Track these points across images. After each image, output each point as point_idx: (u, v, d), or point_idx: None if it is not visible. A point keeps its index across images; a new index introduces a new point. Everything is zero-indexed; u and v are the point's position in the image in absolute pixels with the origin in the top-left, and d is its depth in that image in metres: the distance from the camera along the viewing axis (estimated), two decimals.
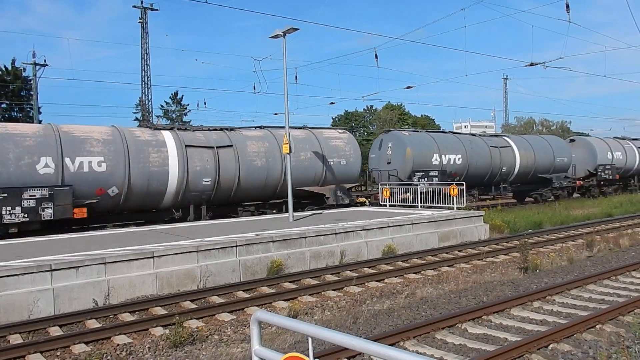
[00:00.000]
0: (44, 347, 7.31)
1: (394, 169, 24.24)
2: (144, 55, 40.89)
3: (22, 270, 9.06)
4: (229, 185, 18.50)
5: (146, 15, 40.29)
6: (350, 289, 10.54)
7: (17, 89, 42.18)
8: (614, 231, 17.67)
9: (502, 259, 13.47)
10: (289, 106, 16.71)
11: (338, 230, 13.62)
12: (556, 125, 75.71)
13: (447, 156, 25.26)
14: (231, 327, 8.36)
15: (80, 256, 10.12)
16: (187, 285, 10.70)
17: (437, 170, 23.56)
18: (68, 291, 9.35)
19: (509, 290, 10.00)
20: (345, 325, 8.09)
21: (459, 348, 6.83)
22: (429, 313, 8.61)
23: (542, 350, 6.54)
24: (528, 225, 18.85)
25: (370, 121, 69.55)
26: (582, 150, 33.53)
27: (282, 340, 7.38)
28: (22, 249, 11.59)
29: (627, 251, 14.16)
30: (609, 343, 6.73)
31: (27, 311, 8.85)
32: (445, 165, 24.88)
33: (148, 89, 41.52)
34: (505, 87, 71.38)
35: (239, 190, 18.78)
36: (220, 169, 18.16)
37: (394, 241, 14.55)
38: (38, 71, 35.23)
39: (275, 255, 12.13)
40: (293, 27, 15.82)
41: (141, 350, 7.34)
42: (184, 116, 57.62)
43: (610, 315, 7.74)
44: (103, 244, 11.87)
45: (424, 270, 12.25)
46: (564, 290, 9.63)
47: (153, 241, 12.01)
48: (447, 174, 23.98)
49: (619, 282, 10.45)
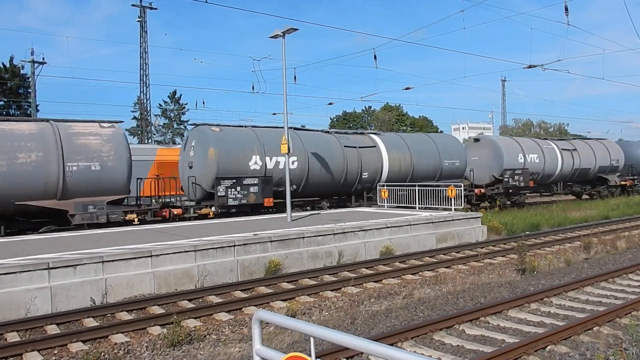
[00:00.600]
0: (41, 346, 7.29)
1: (193, 175, 18.59)
2: (142, 53, 40.89)
3: (19, 268, 9.04)
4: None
5: (145, 14, 40.33)
6: (348, 290, 10.55)
7: (15, 87, 42.13)
8: (611, 233, 17.72)
9: (500, 261, 13.50)
10: (287, 106, 16.71)
11: (336, 230, 13.63)
12: (554, 127, 75.91)
13: (275, 159, 19.08)
14: (229, 326, 8.36)
15: (78, 254, 10.10)
16: (184, 284, 10.70)
17: (258, 178, 18.41)
18: (65, 289, 9.33)
19: (507, 292, 10.02)
20: (343, 326, 8.09)
21: (457, 349, 6.84)
22: (427, 314, 8.63)
23: (540, 352, 6.56)
24: (525, 227, 18.90)
25: (369, 122, 69.66)
26: (487, 152, 27.93)
27: (280, 341, 7.38)
28: (20, 247, 11.57)
29: (624, 253, 14.20)
30: (607, 345, 6.75)
31: (24, 309, 8.83)
32: (271, 170, 19.01)
33: (146, 87, 41.53)
34: (504, 88, 71.70)
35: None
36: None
37: (391, 242, 14.57)
38: (36, 69, 35.18)
39: (273, 255, 12.13)
40: (292, 28, 15.82)
41: (139, 349, 7.33)
42: (182, 115, 57.61)
43: (608, 317, 7.76)
44: (101, 243, 11.86)
45: (421, 271, 12.27)
46: (561, 292, 9.65)
47: (151, 240, 12.00)
48: (274, 183, 18.86)
49: (616, 285, 10.48)
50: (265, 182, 18.61)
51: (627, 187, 35.33)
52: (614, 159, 34.10)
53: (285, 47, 16.19)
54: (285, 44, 16.16)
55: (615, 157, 34.33)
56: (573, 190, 33.27)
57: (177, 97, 57.88)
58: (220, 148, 18.08)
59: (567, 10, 17.97)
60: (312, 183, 20.38)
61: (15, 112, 41.89)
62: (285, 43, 16.12)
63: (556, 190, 31.68)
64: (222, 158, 17.98)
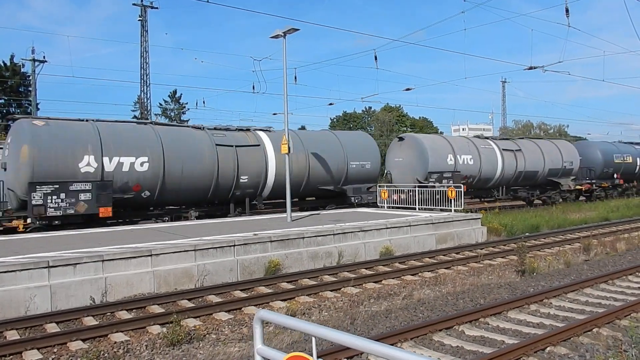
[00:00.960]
0: (40, 344, 7.28)
1: (3, 179, 16.20)
2: (143, 53, 40.88)
3: (19, 267, 9.04)
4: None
5: (146, 13, 40.31)
6: (347, 290, 10.55)
7: (15, 85, 42.15)
8: (611, 235, 17.74)
9: (500, 262, 13.50)
10: (288, 106, 16.71)
11: (336, 231, 13.63)
12: (554, 128, 75.95)
13: (118, 159, 15.85)
14: (229, 326, 8.36)
15: (78, 253, 10.10)
16: (184, 284, 10.70)
17: (91, 182, 15.00)
18: (65, 288, 9.33)
19: (506, 293, 10.03)
20: (342, 326, 8.09)
21: (456, 350, 6.85)
22: (426, 315, 8.63)
23: (539, 354, 6.56)
24: (525, 228, 18.91)
25: (369, 122, 69.66)
26: (410, 153, 24.24)
27: (280, 340, 7.38)
28: (20, 245, 11.57)
29: (624, 255, 14.21)
30: (606, 347, 6.76)
31: (23, 307, 8.83)
32: (111, 173, 15.67)
33: (147, 87, 41.51)
34: (504, 90, 71.55)
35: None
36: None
37: (391, 242, 14.57)
38: (37, 67, 35.16)
39: (273, 255, 12.13)
40: (293, 28, 15.83)
41: (138, 348, 7.33)
42: (183, 115, 57.60)
43: (607, 319, 7.77)
44: (101, 242, 11.86)
45: (421, 272, 12.27)
46: (561, 294, 9.66)
47: (151, 239, 12.01)
48: (116, 189, 15.62)
49: (615, 286, 10.49)
50: (101, 187, 15.16)
51: (583, 192, 32.18)
52: (567, 161, 30.77)
53: (286, 47, 16.21)
54: (286, 44, 16.18)
55: (569, 159, 30.99)
56: (518, 195, 29.63)
57: (177, 97, 57.85)
58: (38, 146, 14.74)
59: (567, 12, 18.00)
60: (170, 188, 16.95)
61: (16, 110, 41.90)
62: (286, 43, 16.14)
63: (498, 195, 27.94)
64: (39, 158, 14.68)
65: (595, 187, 32.78)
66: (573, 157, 31.52)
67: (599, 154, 33.10)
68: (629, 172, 35.56)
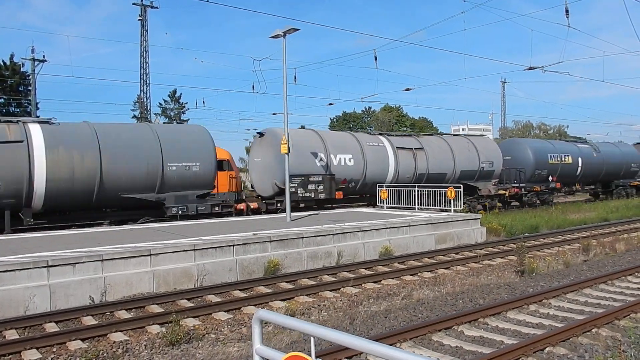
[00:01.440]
0: (40, 343, 7.28)
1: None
2: (143, 52, 40.87)
3: (18, 266, 9.04)
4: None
5: (146, 12, 40.29)
6: (347, 290, 10.55)
7: (15, 84, 42.09)
8: (610, 235, 17.75)
9: (499, 262, 13.50)
10: (288, 106, 16.70)
11: (335, 231, 13.63)
12: (553, 129, 75.95)
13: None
14: (228, 326, 8.36)
15: (77, 253, 10.10)
16: (183, 283, 10.69)
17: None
18: (64, 287, 9.33)
19: (506, 293, 10.03)
20: (342, 326, 8.09)
21: (455, 350, 6.85)
22: (426, 315, 8.63)
23: (538, 354, 6.56)
24: (525, 229, 18.91)
25: (369, 122, 69.67)
26: (271, 152, 20.26)
27: (279, 340, 7.38)
28: (19, 245, 11.56)
29: (623, 255, 14.21)
30: (605, 347, 6.76)
31: (23, 307, 8.83)
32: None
33: (147, 86, 41.49)
34: (504, 90, 71.64)
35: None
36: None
37: (390, 243, 14.57)
38: (37, 67, 35.13)
39: (273, 255, 12.12)
40: (293, 28, 15.82)
41: (137, 348, 7.33)
42: (182, 114, 57.59)
43: (606, 319, 7.77)
44: (100, 241, 11.86)
45: (420, 272, 12.27)
46: (560, 294, 9.66)
47: (150, 239, 12.00)
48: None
49: (614, 287, 10.49)
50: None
51: (506, 198, 27.02)
52: (485, 162, 26.15)
53: (285, 47, 16.20)
54: (286, 44, 16.17)
55: (488, 160, 26.38)
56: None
57: (177, 97, 57.81)
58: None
59: (567, 12, 17.98)
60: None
61: (15, 109, 41.87)
62: (285, 43, 16.13)
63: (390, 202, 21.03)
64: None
65: (524, 192, 27.78)
66: (494, 157, 26.98)
67: (530, 154, 28.42)
68: (568, 174, 30.47)
